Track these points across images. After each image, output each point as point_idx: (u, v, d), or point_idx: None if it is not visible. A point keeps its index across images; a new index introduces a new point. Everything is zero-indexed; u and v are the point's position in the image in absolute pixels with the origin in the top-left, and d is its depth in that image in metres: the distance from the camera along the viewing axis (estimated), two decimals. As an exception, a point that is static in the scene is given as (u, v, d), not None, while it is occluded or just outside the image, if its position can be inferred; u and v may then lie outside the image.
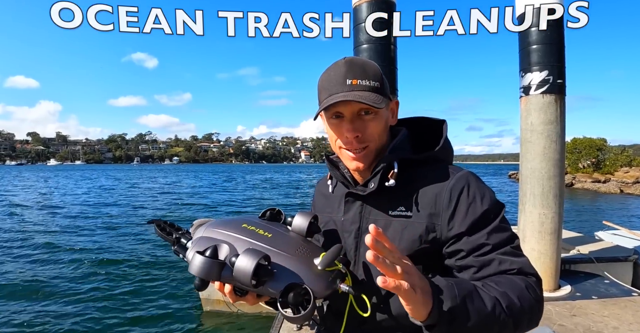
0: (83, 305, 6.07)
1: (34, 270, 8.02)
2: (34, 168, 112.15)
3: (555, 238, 4.17)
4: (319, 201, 1.17)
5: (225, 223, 0.95)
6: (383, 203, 0.95)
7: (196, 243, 0.89)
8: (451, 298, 0.68)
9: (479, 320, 0.70)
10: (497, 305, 0.72)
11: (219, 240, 0.88)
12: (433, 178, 0.92)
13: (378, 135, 0.93)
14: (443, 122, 1.02)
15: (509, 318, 0.73)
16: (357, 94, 0.87)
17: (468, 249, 0.85)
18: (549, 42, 4.15)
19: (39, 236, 11.64)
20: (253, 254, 0.78)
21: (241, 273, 0.77)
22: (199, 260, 0.79)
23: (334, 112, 0.91)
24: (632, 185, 26.10)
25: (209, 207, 20.20)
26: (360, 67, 0.90)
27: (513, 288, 0.77)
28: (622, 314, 3.69)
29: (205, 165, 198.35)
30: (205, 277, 0.79)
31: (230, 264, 0.80)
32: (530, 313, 0.77)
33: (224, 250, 0.84)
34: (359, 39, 3.78)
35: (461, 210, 0.87)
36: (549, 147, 4.13)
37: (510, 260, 0.83)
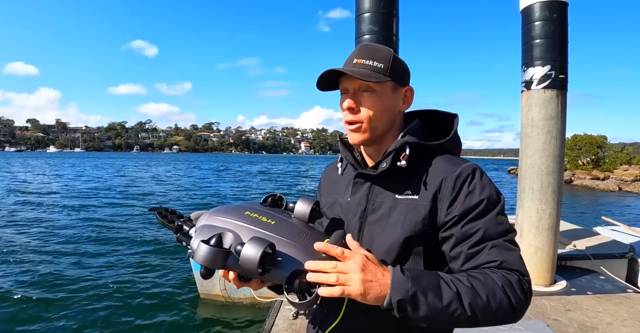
0: (78, 294, 6.08)
1: (28, 256, 8.03)
2: (33, 155, 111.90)
3: (552, 233, 4.19)
4: (326, 184, 1.21)
5: (227, 211, 0.95)
6: (391, 186, 0.98)
7: (200, 231, 0.89)
8: (402, 292, 0.75)
9: (429, 313, 0.76)
10: (455, 301, 0.77)
11: (222, 228, 0.89)
12: (441, 165, 0.95)
13: (374, 114, 0.96)
14: (455, 116, 1.05)
15: (468, 313, 0.77)
16: (354, 69, 0.93)
17: (458, 236, 0.88)
18: (552, 36, 4.12)
19: (33, 223, 11.68)
20: (258, 243, 0.79)
21: (247, 262, 0.78)
22: (204, 249, 0.80)
23: (342, 88, 0.99)
24: (631, 183, 26.13)
25: (204, 198, 20.21)
26: (369, 49, 0.97)
27: (485, 285, 0.80)
28: (617, 310, 3.72)
29: (205, 154, 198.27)
30: (211, 266, 0.80)
31: (236, 253, 0.81)
32: (499, 311, 0.79)
33: (229, 239, 0.85)
34: (360, 30, 3.74)
35: (460, 198, 0.90)
36: (549, 142, 4.12)
37: (498, 253, 0.85)
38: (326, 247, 0.81)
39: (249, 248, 0.78)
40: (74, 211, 14.20)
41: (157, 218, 1.06)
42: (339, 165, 1.15)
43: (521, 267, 0.86)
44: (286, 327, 3.30)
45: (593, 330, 3.30)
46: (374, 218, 0.99)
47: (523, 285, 0.83)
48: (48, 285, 6.41)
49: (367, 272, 0.77)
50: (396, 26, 3.75)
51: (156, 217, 1.06)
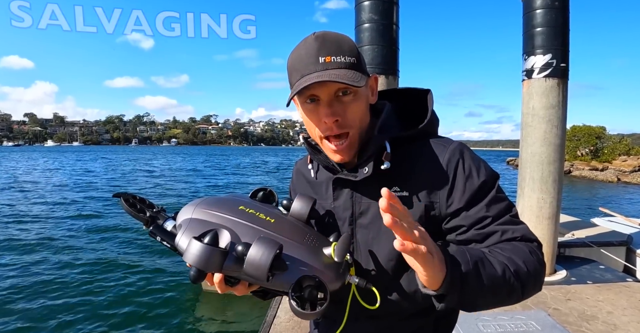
0: (76, 287, 6.10)
1: (21, 253, 8.02)
2: (31, 150, 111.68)
3: (552, 223, 4.18)
4: (301, 185, 1.07)
5: (219, 204, 0.85)
6: (375, 186, 0.83)
7: (187, 226, 0.78)
8: (464, 263, 0.67)
9: (491, 285, 0.69)
10: (507, 270, 0.72)
11: (215, 224, 0.79)
12: (426, 154, 0.88)
13: (360, 118, 0.85)
14: (427, 92, 0.95)
15: (517, 282, 0.73)
16: (333, 72, 0.77)
17: (468, 223, 0.84)
18: (554, 25, 4.08)
19: (25, 218, 11.68)
20: (269, 245, 0.71)
21: (255, 267, 0.69)
22: (197, 247, 0.69)
23: (308, 95, 0.82)
24: (630, 174, 26.20)
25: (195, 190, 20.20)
26: (333, 42, 0.80)
27: (518, 253, 0.77)
28: (616, 299, 3.73)
29: (204, 147, 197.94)
30: (205, 268, 0.69)
31: (238, 254, 0.71)
32: (535, 276, 0.77)
33: (225, 237, 0.75)
34: (360, 18, 3.69)
35: (459, 186, 0.84)
36: (549, 131, 4.10)
37: (511, 228, 0.82)
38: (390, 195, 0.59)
39: (257, 251, 0.69)
40: (69, 205, 14.20)
41: (122, 206, 0.88)
42: (310, 166, 1.03)
43: (535, 236, 0.84)
44: (288, 319, 3.30)
45: (593, 319, 3.30)
46: (365, 222, 0.91)
47: (541, 250, 0.83)
48: (45, 279, 6.41)
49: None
50: (396, 14, 3.70)
51: (122, 205, 0.89)
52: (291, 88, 0.83)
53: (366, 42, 3.65)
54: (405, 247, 0.58)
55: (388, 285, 0.90)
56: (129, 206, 0.88)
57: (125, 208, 0.88)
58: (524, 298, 0.77)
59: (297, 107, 0.90)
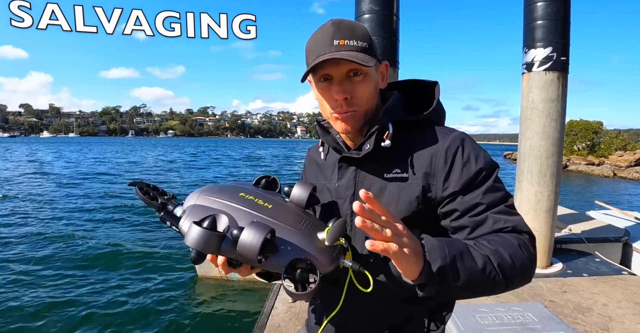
0: (71, 276, 6.12)
1: (20, 245, 8.01)
2: (26, 141, 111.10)
3: (550, 216, 4.20)
4: (311, 169, 1.15)
5: (220, 191, 0.90)
6: (378, 167, 0.94)
7: (190, 212, 0.83)
8: (441, 258, 0.69)
9: (469, 279, 0.71)
10: (488, 263, 0.73)
11: (215, 209, 0.83)
12: (428, 139, 0.91)
13: (367, 98, 0.91)
14: (435, 84, 1.00)
15: (500, 276, 0.74)
16: (345, 53, 0.84)
17: (462, 209, 0.85)
18: (554, 18, 4.06)
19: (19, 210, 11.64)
20: (260, 228, 0.75)
21: (246, 249, 0.73)
22: (196, 231, 0.74)
23: (322, 74, 0.89)
24: (625, 169, 26.31)
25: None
26: (348, 27, 0.87)
27: (505, 245, 0.78)
28: (612, 292, 3.76)
29: (201, 139, 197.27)
30: (203, 250, 0.75)
31: (233, 237, 0.76)
32: (522, 270, 0.78)
33: (223, 222, 0.80)
34: (360, 9, 3.67)
35: (456, 170, 0.86)
36: (548, 125, 4.10)
37: (504, 218, 0.83)
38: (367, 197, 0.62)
39: (249, 234, 0.74)
40: (62, 194, 14.20)
41: (137, 193, 0.96)
42: (321, 149, 1.09)
43: (528, 228, 0.84)
44: (285, 310, 3.31)
45: (589, 311, 3.34)
46: None
47: (533, 243, 0.83)
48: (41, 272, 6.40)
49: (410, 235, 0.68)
50: (397, 5, 3.69)
51: (136, 193, 0.97)
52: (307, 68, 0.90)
53: (366, 33, 3.62)
54: (375, 247, 0.60)
55: (381, 265, 0.91)
56: (143, 194, 0.95)
57: (140, 196, 0.95)
58: (510, 289, 0.79)
59: (312, 87, 0.97)
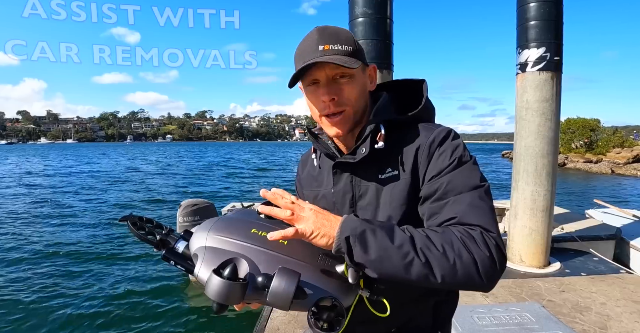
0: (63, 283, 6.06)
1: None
2: (24, 148, 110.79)
3: (546, 215, 4.22)
4: (305, 176, 1.16)
5: (230, 228, 0.84)
6: (372, 169, 0.96)
7: (204, 257, 0.78)
8: (351, 229, 0.75)
9: (380, 253, 0.73)
10: (407, 244, 0.74)
11: (231, 252, 0.79)
12: (415, 136, 0.93)
13: (355, 99, 0.93)
14: (423, 82, 1.03)
15: (420, 259, 0.72)
16: (330, 57, 0.87)
17: (424, 194, 0.88)
18: (547, 18, 4.09)
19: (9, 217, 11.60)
20: (290, 276, 0.72)
21: (278, 298, 0.70)
22: (218, 282, 0.69)
23: (310, 79, 0.92)
24: (623, 166, 26.31)
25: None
26: (332, 33, 0.91)
27: (441, 235, 0.76)
28: (610, 290, 3.77)
29: (199, 143, 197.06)
30: (226, 302, 0.70)
31: (259, 286, 0.72)
32: (461, 264, 0.73)
33: (244, 267, 0.76)
34: (354, 13, 3.69)
35: (433, 161, 0.89)
36: (543, 124, 4.12)
37: (457, 207, 0.81)
38: (273, 194, 0.83)
39: (279, 283, 0.70)
40: (58, 201, 14.15)
41: (130, 229, 0.89)
42: (314, 156, 1.11)
43: (484, 221, 0.79)
44: (284, 313, 3.31)
45: (587, 311, 3.34)
46: (365, 203, 0.97)
47: (487, 240, 0.76)
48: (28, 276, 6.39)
49: (320, 214, 0.79)
50: (390, 8, 3.70)
51: (130, 229, 0.89)
52: None
53: (360, 37, 3.64)
54: (272, 237, 0.75)
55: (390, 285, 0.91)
56: (137, 229, 0.89)
57: (134, 233, 0.89)
58: (449, 283, 0.74)
59: (302, 92, 0.99)
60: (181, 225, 6.07)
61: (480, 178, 0.86)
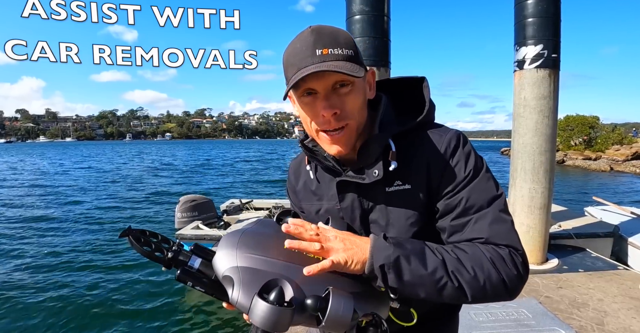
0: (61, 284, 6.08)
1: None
2: (22, 146, 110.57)
3: (544, 212, 4.23)
4: (300, 187, 1.07)
5: (259, 245, 0.77)
6: (379, 182, 0.87)
7: (243, 279, 0.70)
8: (385, 258, 0.72)
9: (414, 279, 0.72)
10: (440, 269, 0.73)
11: (270, 273, 0.71)
12: (424, 144, 0.87)
13: (358, 110, 0.83)
14: (423, 80, 0.94)
15: (454, 283, 0.73)
16: (331, 64, 0.76)
17: (442, 209, 0.85)
18: (545, 15, 4.09)
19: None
20: (346, 298, 0.67)
21: (337, 322, 0.65)
22: (267, 309, 0.63)
23: (305, 88, 0.80)
24: (622, 163, 26.33)
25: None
26: (329, 35, 0.79)
27: (472, 257, 0.76)
28: (607, 287, 3.78)
29: (198, 141, 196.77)
30: (275, 330, 0.65)
31: (311, 309, 0.67)
32: (490, 284, 0.75)
33: (289, 289, 0.69)
34: (351, 10, 3.68)
35: (448, 173, 0.85)
36: (541, 122, 4.12)
37: (482, 227, 0.80)
38: (296, 228, 0.75)
39: (337, 306, 0.65)
40: (52, 202, 14.14)
41: (133, 246, 0.76)
42: (308, 168, 1.02)
43: (511, 240, 0.80)
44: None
45: (584, 307, 3.36)
46: (375, 217, 0.92)
47: (515, 259, 0.77)
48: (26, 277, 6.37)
49: (347, 240, 0.75)
50: (387, 5, 3.70)
51: (132, 245, 0.76)
52: (287, 83, 0.81)
53: (357, 34, 3.64)
54: (310, 272, 0.69)
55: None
56: (140, 245, 0.76)
57: (137, 249, 0.76)
58: (479, 301, 0.76)
59: (292, 102, 0.89)
60: (179, 220, 6.08)
61: (496, 187, 0.85)
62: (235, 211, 7.21)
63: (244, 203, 7.59)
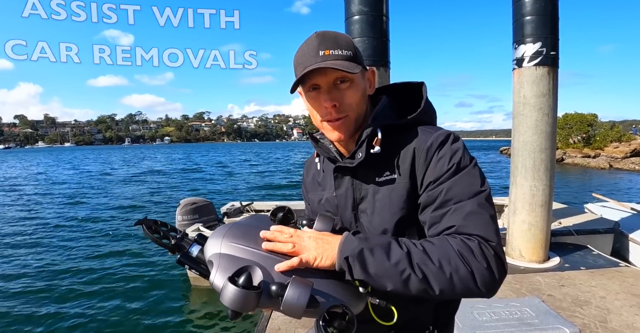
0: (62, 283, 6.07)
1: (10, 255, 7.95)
2: (21, 152, 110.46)
3: (545, 210, 4.22)
4: (310, 180, 1.18)
5: (244, 236, 0.86)
6: (371, 172, 0.96)
7: (219, 263, 0.79)
8: (350, 250, 0.79)
9: (378, 271, 0.77)
10: (404, 261, 0.76)
11: (247, 260, 0.80)
12: (413, 139, 0.93)
13: (356, 104, 0.93)
14: (422, 85, 1.03)
15: (417, 275, 0.75)
16: (331, 62, 0.87)
17: (425, 202, 0.87)
18: (543, 13, 4.10)
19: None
20: (303, 287, 0.73)
21: (292, 307, 0.72)
22: (233, 291, 0.71)
23: (311, 84, 0.92)
24: (621, 160, 26.38)
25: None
26: (331, 38, 0.91)
27: (439, 249, 0.77)
28: (609, 284, 3.78)
29: (197, 144, 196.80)
30: (241, 310, 0.72)
31: (273, 294, 0.74)
32: (457, 277, 0.75)
33: (258, 275, 0.77)
34: (350, 11, 3.69)
35: (431, 166, 0.88)
36: (541, 120, 4.12)
37: (456, 216, 0.81)
38: (272, 233, 0.86)
39: (293, 294, 0.72)
40: (56, 203, 14.10)
41: (145, 233, 0.92)
42: (317, 160, 1.14)
43: (483, 231, 0.79)
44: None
45: (587, 304, 3.35)
46: (365, 207, 0.98)
47: (485, 251, 0.77)
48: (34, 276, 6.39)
49: (319, 240, 0.83)
50: (386, 6, 3.70)
51: (144, 232, 0.92)
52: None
53: (356, 34, 3.64)
54: (280, 268, 0.78)
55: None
56: (152, 233, 0.92)
57: (149, 236, 0.92)
58: (448, 295, 0.76)
59: (302, 97, 1.00)
60: (180, 223, 6.07)
61: (481, 183, 0.85)
62: (235, 213, 7.22)
63: (245, 206, 7.59)
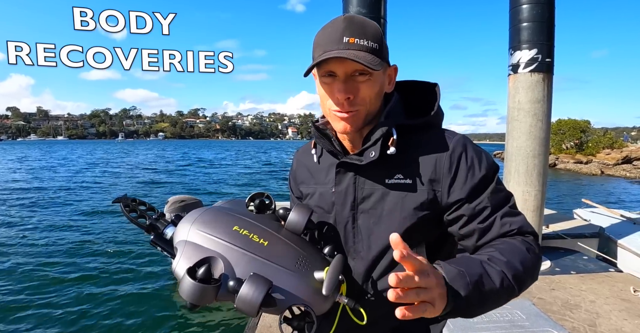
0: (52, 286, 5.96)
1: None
2: (12, 145, 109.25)
3: (537, 215, 4.27)
4: (301, 172, 1.11)
5: (214, 224, 0.83)
6: (379, 172, 0.91)
7: (183, 251, 0.77)
8: (463, 287, 0.67)
9: (491, 299, 0.72)
10: (505, 279, 0.73)
11: (209, 250, 0.78)
12: (431, 144, 0.90)
13: (370, 99, 0.87)
14: (435, 85, 0.97)
15: (515, 287, 0.75)
16: (353, 52, 0.80)
17: (469, 215, 0.86)
18: (540, 20, 4.13)
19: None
20: (259, 284, 0.71)
21: (246, 304, 0.70)
22: (191, 285, 0.69)
23: (327, 70, 0.85)
24: (613, 167, 26.65)
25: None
26: (359, 25, 0.83)
27: (515, 253, 0.79)
28: (599, 289, 3.83)
29: (191, 141, 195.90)
30: (198, 303, 0.71)
31: (231, 290, 0.73)
32: (532, 274, 0.80)
33: (219, 268, 0.75)
34: (347, 11, 3.70)
35: (461, 176, 0.86)
36: (534, 125, 4.16)
37: (509, 221, 0.84)
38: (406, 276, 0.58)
39: (248, 290, 0.70)
40: (44, 202, 13.97)
41: (122, 211, 0.89)
42: (313, 151, 1.05)
43: (531, 227, 0.86)
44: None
45: (576, 308, 3.39)
46: (367, 207, 0.93)
47: (538, 243, 0.85)
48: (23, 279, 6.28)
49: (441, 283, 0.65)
50: (384, 8, 3.72)
51: (122, 210, 0.90)
52: (313, 61, 0.86)
53: (355, 36, 3.65)
54: (404, 315, 0.57)
55: (388, 270, 0.92)
56: (129, 212, 0.90)
57: (126, 215, 0.90)
58: (520, 293, 0.80)
59: (315, 79, 0.93)
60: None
61: (504, 186, 0.90)
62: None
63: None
